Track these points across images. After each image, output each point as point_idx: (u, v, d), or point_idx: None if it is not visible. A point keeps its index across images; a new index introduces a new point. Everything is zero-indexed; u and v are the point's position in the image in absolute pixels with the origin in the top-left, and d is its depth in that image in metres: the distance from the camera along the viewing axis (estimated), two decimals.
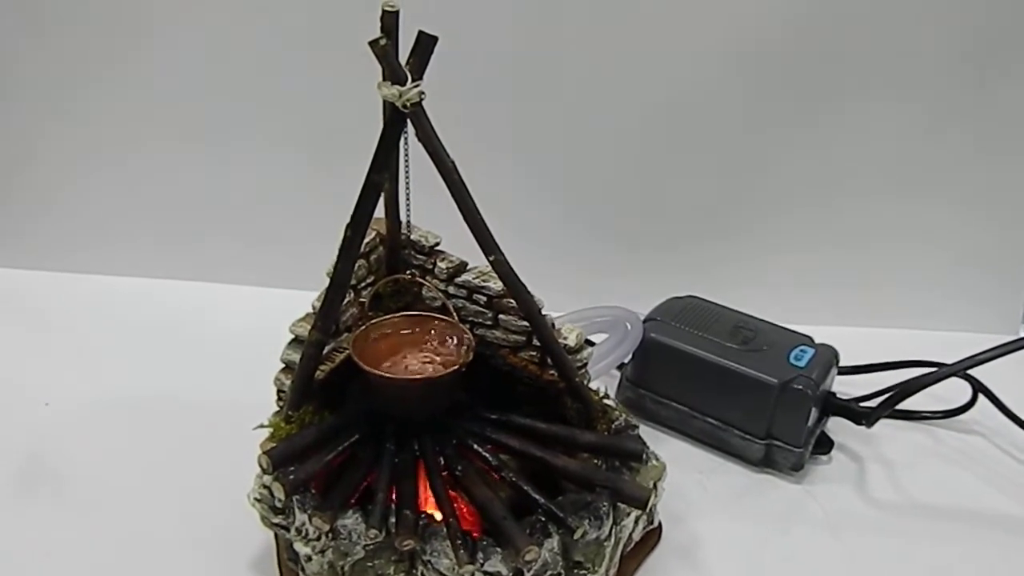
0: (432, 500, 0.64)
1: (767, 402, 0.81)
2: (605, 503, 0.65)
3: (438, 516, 0.62)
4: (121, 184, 1.05)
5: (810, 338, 0.87)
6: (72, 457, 0.82)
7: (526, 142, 1.00)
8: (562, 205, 1.03)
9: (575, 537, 0.63)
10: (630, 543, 0.70)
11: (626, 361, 0.87)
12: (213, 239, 1.08)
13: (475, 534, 0.64)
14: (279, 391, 0.73)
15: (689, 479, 0.86)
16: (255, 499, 0.69)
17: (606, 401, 0.73)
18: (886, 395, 0.81)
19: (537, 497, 0.65)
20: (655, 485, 0.72)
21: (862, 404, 0.86)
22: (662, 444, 0.91)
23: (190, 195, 1.06)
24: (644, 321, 0.87)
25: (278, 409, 0.72)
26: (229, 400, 0.83)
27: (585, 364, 0.72)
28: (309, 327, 0.64)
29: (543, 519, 0.62)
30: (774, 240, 1.04)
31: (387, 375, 0.64)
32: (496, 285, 0.69)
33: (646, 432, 0.72)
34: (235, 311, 1.06)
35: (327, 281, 0.63)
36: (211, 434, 0.82)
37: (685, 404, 0.86)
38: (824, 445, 0.86)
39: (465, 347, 0.66)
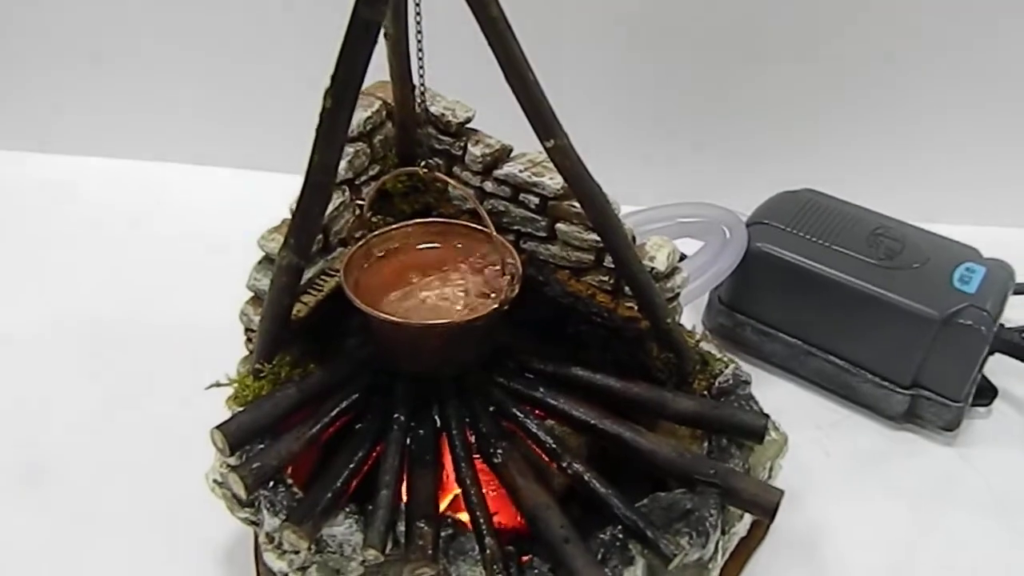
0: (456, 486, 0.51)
1: (921, 341, 0.67)
2: (712, 510, 0.48)
3: (466, 516, 0.49)
4: (73, 48, 0.93)
5: (976, 251, 0.72)
6: (15, 401, 0.71)
7: None
8: (639, 73, 0.88)
9: (670, 567, 0.45)
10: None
11: None
12: (187, 112, 0.94)
13: (518, 532, 0.50)
14: (247, 329, 0.56)
15: (804, 438, 0.69)
16: (215, 481, 0.53)
17: (705, 346, 0.58)
18: None
19: (616, 506, 0.47)
20: (771, 467, 0.56)
21: None
22: (765, 387, 0.72)
23: (155, 58, 0.92)
24: (748, 225, 0.74)
25: (248, 354, 0.56)
26: (205, 319, 0.68)
27: (678, 294, 0.58)
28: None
29: (621, 536, 0.47)
30: (913, 119, 0.88)
31: (393, 319, 0.50)
32: (553, 181, 0.56)
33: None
34: (211, 198, 0.93)
35: None
36: (177, 369, 0.68)
37: (800, 337, 0.73)
38: (985, 394, 0.72)
39: (509, 274, 0.52)
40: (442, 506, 0.54)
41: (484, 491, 0.49)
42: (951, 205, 0.84)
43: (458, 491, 0.51)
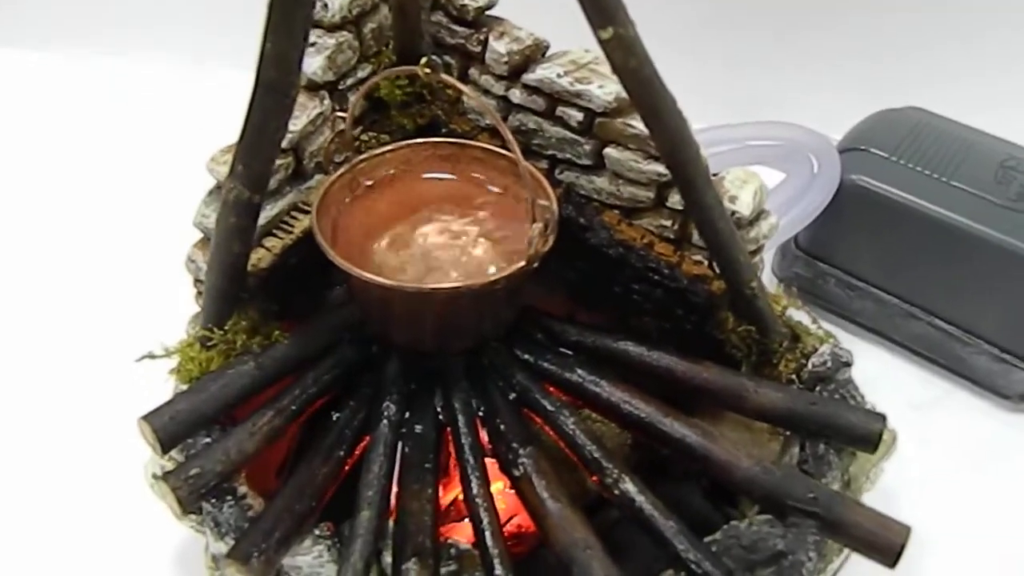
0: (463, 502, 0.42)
1: None
2: (811, 553, 0.37)
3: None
4: None
5: None
6: None
7: None
8: None
9: None
10: None
11: None
12: None
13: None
14: (196, 280, 0.47)
15: (895, 420, 0.59)
16: (154, 476, 0.43)
17: (795, 315, 0.48)
18: None
19: (681, 545, 0.36)
20: (872, 474, 0.46)
21: None
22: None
23: None
24: (840, 152, 0.67)
25: (197, 312, 0.46)
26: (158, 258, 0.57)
27: (762, 246, 0.50)
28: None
29: None
30: None
31: (381, 280, 0.39)
32: (603, 91, 0.47)
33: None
34: (169, 100, 0.83)
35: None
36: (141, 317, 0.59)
37: (898, 294, 0.66)
38: None
39: (541, 219, 0.40)
40: (447, 500, 0.45)
41: (499, 505, 0.39)
42: None
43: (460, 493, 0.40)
